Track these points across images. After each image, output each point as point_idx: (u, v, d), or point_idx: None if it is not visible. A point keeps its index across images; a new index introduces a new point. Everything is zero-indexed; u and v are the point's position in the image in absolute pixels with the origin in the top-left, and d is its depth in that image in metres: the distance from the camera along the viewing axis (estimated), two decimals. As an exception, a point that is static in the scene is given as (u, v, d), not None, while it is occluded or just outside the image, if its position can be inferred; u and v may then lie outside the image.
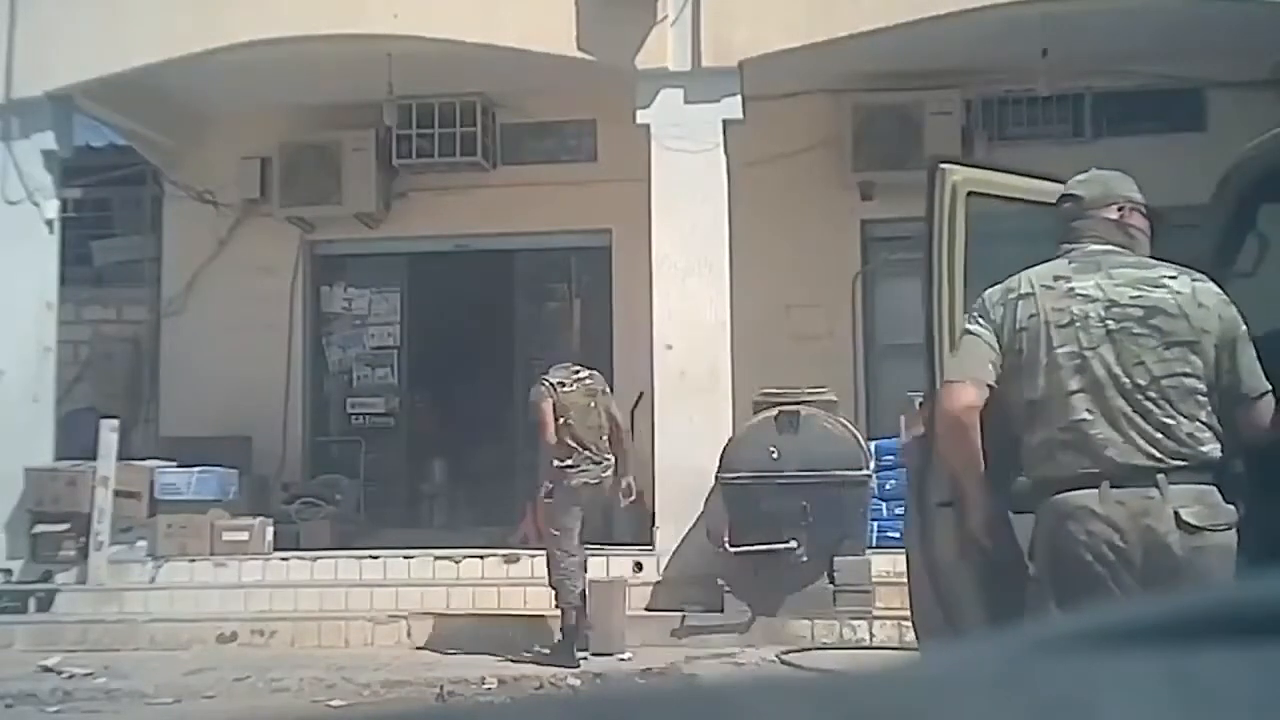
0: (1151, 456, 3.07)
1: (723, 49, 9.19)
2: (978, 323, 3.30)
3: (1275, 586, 0.54)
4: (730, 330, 9.07)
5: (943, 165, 4.01)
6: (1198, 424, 3.09)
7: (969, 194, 3.94)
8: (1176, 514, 3.02)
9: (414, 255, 12.12)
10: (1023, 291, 3.24)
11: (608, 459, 7.84)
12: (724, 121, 9.21)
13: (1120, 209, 3.37)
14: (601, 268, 11.60)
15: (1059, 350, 3.15)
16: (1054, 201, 3.49)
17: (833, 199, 11.00)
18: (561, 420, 7.69)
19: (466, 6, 9.47)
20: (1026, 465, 3.25)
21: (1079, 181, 3.43)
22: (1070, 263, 3.27)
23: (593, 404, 7.87)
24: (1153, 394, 3.10)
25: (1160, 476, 3.05)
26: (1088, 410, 3.11)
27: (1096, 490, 3.07)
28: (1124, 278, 3.20)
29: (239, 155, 11.69)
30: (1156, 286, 3.17)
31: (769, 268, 10.36)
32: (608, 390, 8.10)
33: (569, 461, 7.68)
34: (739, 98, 9.21)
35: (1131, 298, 3.16)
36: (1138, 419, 3.09)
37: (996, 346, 3.24)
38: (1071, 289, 3.20)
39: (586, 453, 7.73)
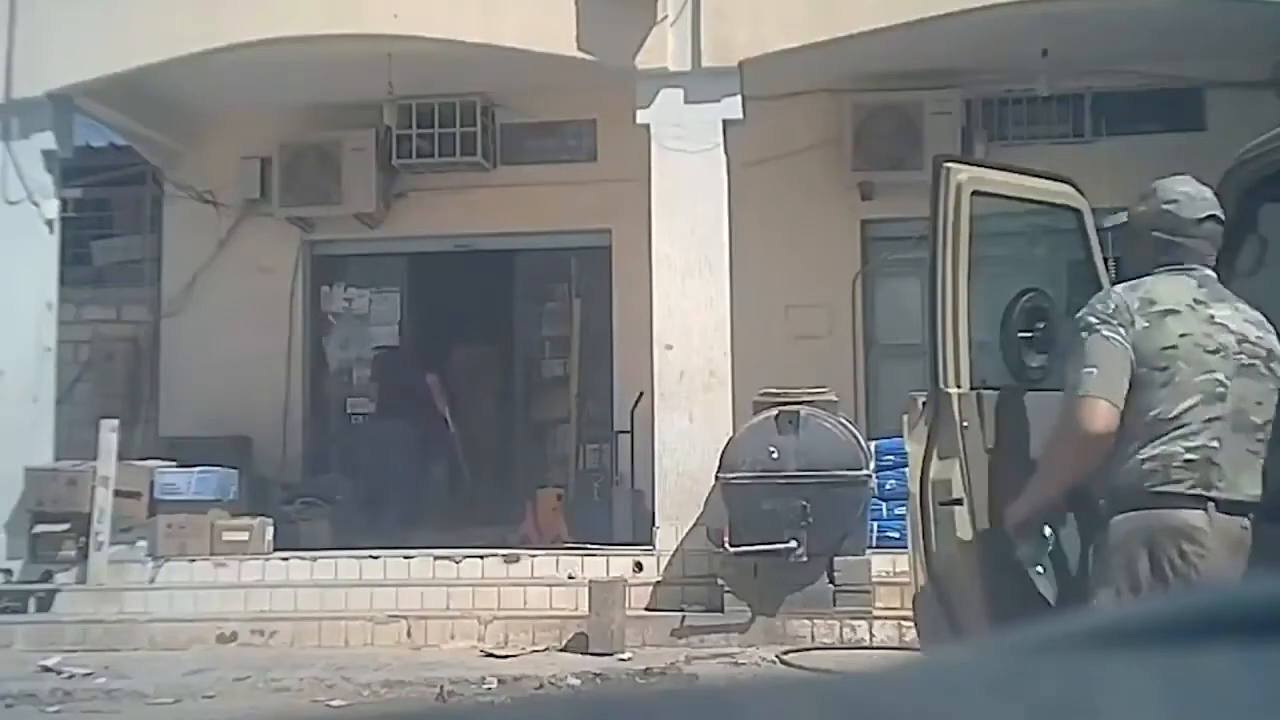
0: (1251, 493, 3.21)
1: (723, 49, 9.18)
2: (1117, 331, 3.23)
3: (1275, 586, 0.54)
4: (730, 330, 9.06)
5: (947, 164, 4.00)
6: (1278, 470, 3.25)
7: (973, 193, 3.93)
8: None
9: (414, 255, 12.12)
10: (1169, 307, 3.24)
11: None
12: (724, 121, 9.20)
13: None
14: (601, 268, 11.59)
15: (1205, 376, 3.21)
16: (1057, 201, 3.49)
17: (833, 199, 11.00)
18: None
19: (466, 6, 9.47)
20: (1128, 474, 3.25)
21: (1217, 201, 3.40)
22: (1200, 285, 3.30)
23: None
24: (1262, 435, 3.24)
25: (1252, 514, 3.21)
26: (1216, 438, 3.19)
27: (1204, 512, 3.16)
28: (1248, 314, 3.29)
29: (239, 155, 11.69)
30: (1266, 330, 3.29)
31: (769, 268, 10.36)
32: None
33: None
34: (739, 98, 9.20)
35: (1256, 337, 3.27)
36: (1251, 456, 3.23)
37: (1132, 358, 3.22)
38: (1212, 316, 3.26)
39: None
